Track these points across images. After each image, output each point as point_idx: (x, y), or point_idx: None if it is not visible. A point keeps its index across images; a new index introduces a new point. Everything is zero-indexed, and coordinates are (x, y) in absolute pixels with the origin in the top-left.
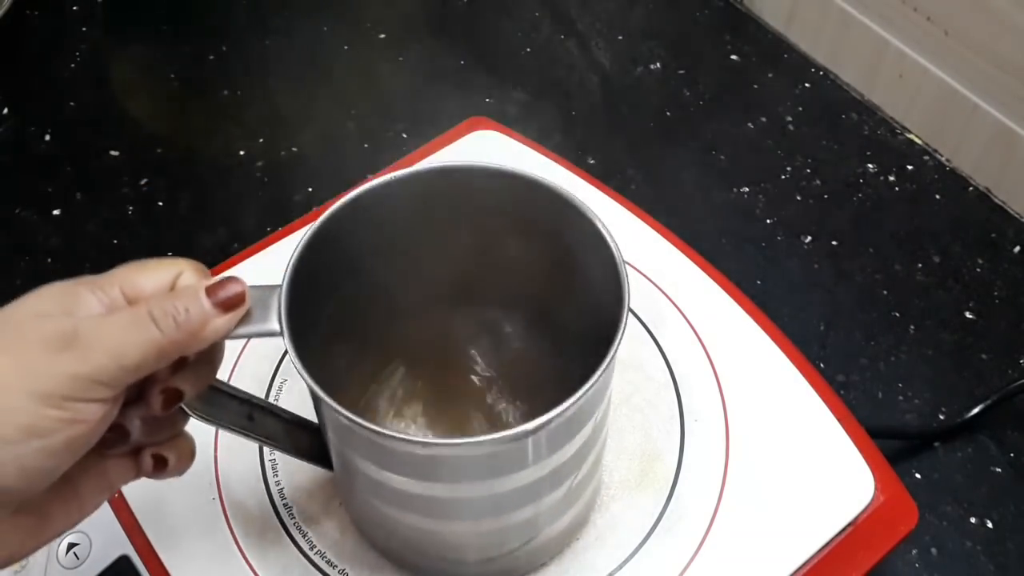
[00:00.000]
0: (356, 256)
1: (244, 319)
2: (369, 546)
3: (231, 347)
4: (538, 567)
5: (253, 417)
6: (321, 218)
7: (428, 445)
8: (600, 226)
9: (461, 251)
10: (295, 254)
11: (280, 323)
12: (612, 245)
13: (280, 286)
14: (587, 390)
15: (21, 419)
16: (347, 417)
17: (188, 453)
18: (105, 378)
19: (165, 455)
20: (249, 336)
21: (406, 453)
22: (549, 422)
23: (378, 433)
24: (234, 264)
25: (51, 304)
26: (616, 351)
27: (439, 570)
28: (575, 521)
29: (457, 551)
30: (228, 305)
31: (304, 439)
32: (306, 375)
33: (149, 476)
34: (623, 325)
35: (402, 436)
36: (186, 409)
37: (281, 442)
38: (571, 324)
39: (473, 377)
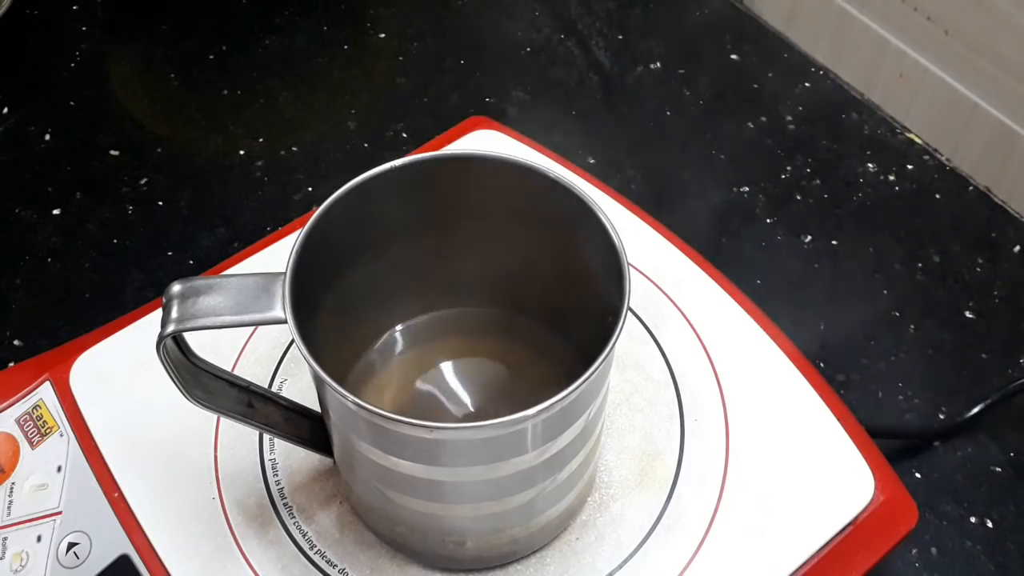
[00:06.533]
0: (357, 245)
1: (249, 307)
2: (369, 545)
3: (232, 346)
4: (534, 552)
5: (252, 404)
6: (323, 206)
7: (434, 429)
8: (602, 216)
9: (462, 240)
10: (298, 242)
11: (285, 311)
12: (613, 235)
13: (284, 274)
14: (589, 376)
15: None
16: (353, 401)
17: None
18: None
19: None
20: (254, 324)
21: (410, 437)
22: (551, 407)
23: (384, 417)
24: (234, 263)
25: None
26: (617, 338)
27: (440, 555)
28: (571, 507)
29: (458, 535)
30: None
31: (304, 426)
32: (311, 360)
33: None
34: (624, 314)
35: (407, 420)
36: (187, 397)
37: (281, 429)
38: (571, 314)
39: (472, 367)
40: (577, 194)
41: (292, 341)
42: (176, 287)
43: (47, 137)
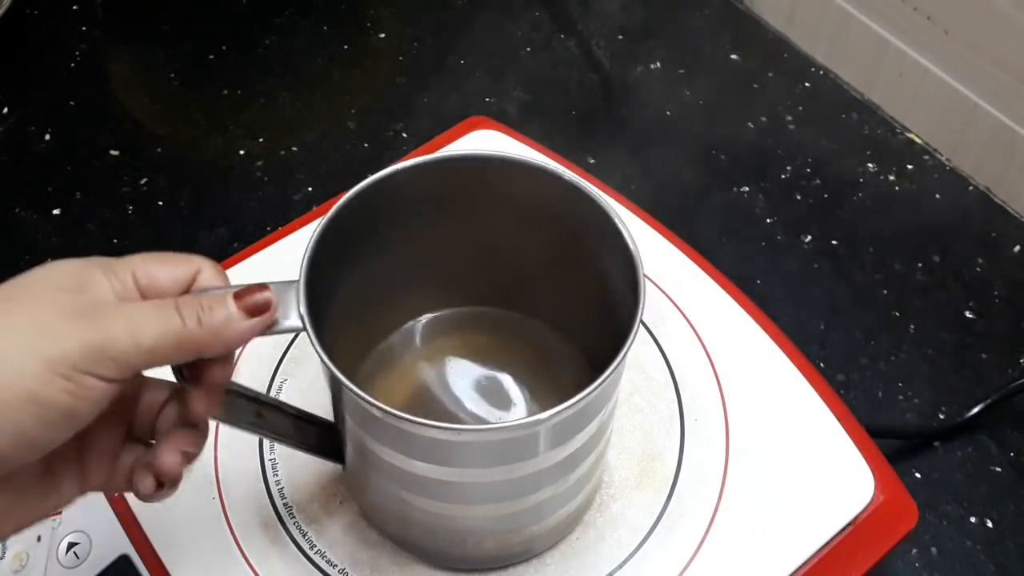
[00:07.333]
0: (368, 247)
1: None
2: (370, 545)
3: None
4: (547, 550)
5: (262, 414)
6: (332, 210)
7: (456, 431)
8: (618, 223)
9: (473, 241)
10: (309, 248)
11: (302, 319)
12: (630, 243)
13: (298, 281)
14: (600, 383)
15: (25, 383)
16: (380, 409)
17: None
18: (116, 352)
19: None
20: (272, 333)
21: (432, 440)
22: (562, 411)
23: (411, 422)
24: (234, 263)
25: (65, 279)
26: (630, 346)
27: (451, 555)
28: (582, 505)
29: (475, 534)
30: (254, 310)
31: (312, 434)
32: (332, 367)
33: (140, 494)
34: (637, 324)
35: (434, 424)
36: None
37: (290, 438)
38: (582, 316)
39: (481, 368)
40: (596, 199)
41: (292, 341)
42: (193, 292)
43: (47, 137)
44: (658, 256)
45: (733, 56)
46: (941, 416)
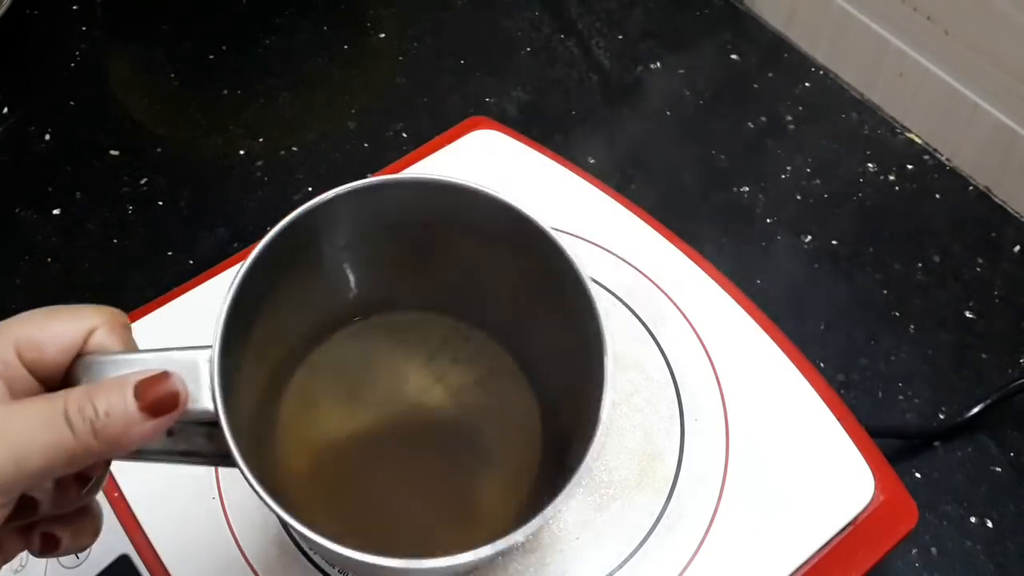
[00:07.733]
0: (284, 293)
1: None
2: None
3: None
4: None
5: (170, 431)
6: (240, 273)
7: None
8: (586, 283)
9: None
10: (222, 317)
11: (214, 403)
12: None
13: (211, 347)
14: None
15: None
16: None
17: (91, 531)
18: (0, 482)
19: (57, 534)
20: (174, 420)
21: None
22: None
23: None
24: (234, 263)
25: None
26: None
27: None
28: None
29: None
30: (158, 409)
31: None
32: (269, 501)
33: (38, 555)
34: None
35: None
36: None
37: (205, 453)
38: (539, 357)
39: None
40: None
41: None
42: (83, 361)
43: (47, 137)
44: (658, 256)
45: (733, 56)
46: (941, 416)
